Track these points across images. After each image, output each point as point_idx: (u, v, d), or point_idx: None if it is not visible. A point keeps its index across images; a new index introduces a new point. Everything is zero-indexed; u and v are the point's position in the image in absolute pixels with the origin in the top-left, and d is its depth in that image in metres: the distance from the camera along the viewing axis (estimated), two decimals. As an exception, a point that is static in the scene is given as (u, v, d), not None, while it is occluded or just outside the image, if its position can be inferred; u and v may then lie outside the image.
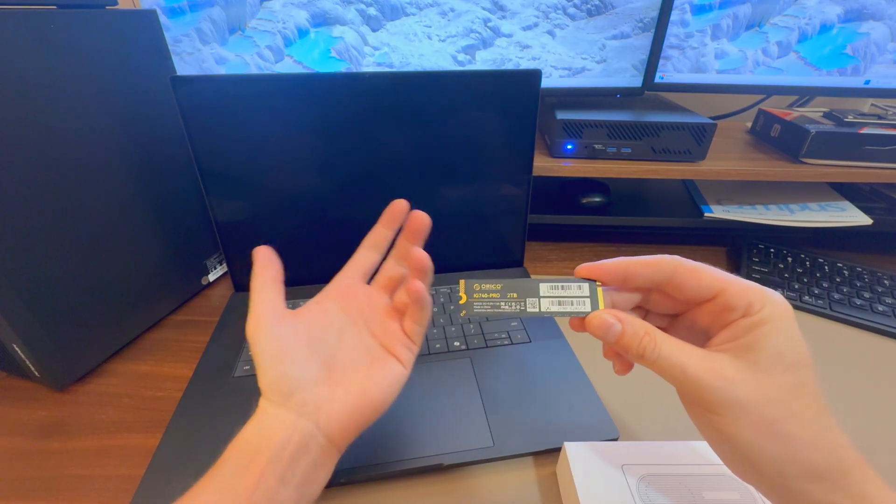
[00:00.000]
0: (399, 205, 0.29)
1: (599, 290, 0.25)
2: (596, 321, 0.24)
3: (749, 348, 0.22)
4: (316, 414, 0.25)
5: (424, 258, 0.27)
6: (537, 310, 0.25)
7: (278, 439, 0.24)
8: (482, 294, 0.25)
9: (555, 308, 0.25)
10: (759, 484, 0.23)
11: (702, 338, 0.25)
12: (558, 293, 0.25)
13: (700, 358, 0.22)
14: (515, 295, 0.25)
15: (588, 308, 0.25)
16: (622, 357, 0.27)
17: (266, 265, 0.30)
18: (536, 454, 0.36)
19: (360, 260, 0.32)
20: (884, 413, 0.40)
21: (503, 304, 0.25)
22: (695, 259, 0.25)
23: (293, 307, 0.49)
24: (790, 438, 0.21)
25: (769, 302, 0.22)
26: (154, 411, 0.40)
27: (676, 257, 0.25)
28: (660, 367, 0.23)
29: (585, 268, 0.26)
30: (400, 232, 0.32)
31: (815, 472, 0.21)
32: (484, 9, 0.56)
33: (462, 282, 0.25)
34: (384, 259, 0.33)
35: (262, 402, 0.25)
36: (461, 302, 0.25)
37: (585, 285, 0.25)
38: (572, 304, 0.25)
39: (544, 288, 0.25)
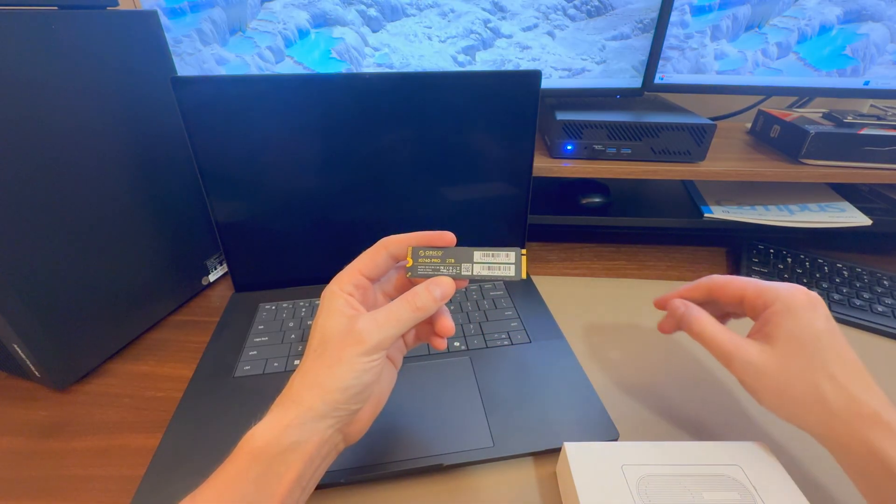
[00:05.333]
0: (449, 237, 0.29)
1: (524, 258, 0.29)
2: (671, 304, 0.36)
3: (768, 336, 0.30)
4: (347, 429, 0.27)
5: (453, 329, 0.30)
6: (470, 273, 0.28)
7: (311, 453, 0.25)
8: (426, 259, 0.28)
9: (485, 272, 0.28)
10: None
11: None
12: (489, 259, 0.28)
13: (738, 342, 0.31)
14: (453, 260, 0.28)
15: (512, 273, 0.28)
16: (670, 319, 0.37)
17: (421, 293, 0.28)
18: (536, 454, 0.36)
19: (382, 265, 0.29)
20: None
21: (442, 267, 0.28)
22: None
23: (293, 307, 0.50)
24: (795, 400, 0.29)
25: (779, 297, 0.30)
26: (154, 411, 0.40)
27: (712, 277, 0.35)
28: (706, 343, 0.32)
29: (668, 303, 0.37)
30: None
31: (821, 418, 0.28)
32: (484, 10, 0.56)
33: (410, 248, 0.28)
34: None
35: (298, 411, 0.25)
36: (408, 265, 0.28)
37: (512, 253, 0.28)
38: (500, 269, 0.28)
39: (478, 255, 0.28)
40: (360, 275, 0.28)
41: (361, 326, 0.25)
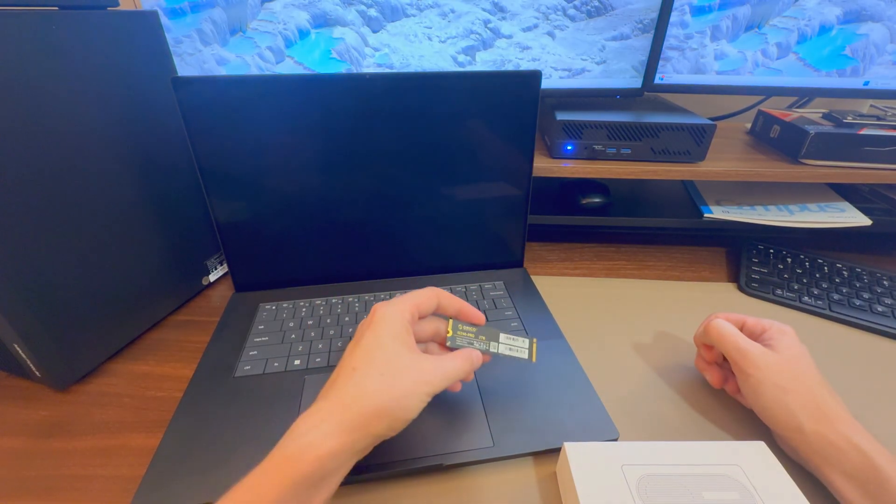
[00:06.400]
0: (481, 317, 0.37)
1: (534, 345, 0.37)
2: (713, 321, 0.40)
3: (770, 346, 0.37)
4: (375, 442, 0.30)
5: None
6: (497, 351, 0.35)
7: (344, 474, 0.28)
8: (463, 333, 0.35)
9: (506, 351, 0.36)
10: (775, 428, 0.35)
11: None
12: (510, 342, 0.36)
13: (753, 343, 0.37)
14: (484, 338, 0.36)
15: (525, 356, 0.36)
16: (714, 367, 0.41)
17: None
18: (536, 454, 0.36)
19: (431, 309, 0.35)
20: (883, 413, 0.40)
21: (475, 342, 0.35)
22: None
23: (293, 307, 0.50)
24: (790, 393, 0.34)
25: (773, 324, 0.39)
26: (154, 411, 0.40)
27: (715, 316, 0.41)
28: (725, 341, 0.38)
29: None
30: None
31: (812, 413, 0.33)
32: (484, 10, 0.56)
33: (451, 321, 0.36)
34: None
35: (367, 441, 0.28)
36: (448, 335, 0.35)
37: (527, 341, 0.37)
38: (517, 351, 0.36)
39: (503, 337, 0.36)
40: (417, 309, 0.33)
41: (431, 370, 0.30)
